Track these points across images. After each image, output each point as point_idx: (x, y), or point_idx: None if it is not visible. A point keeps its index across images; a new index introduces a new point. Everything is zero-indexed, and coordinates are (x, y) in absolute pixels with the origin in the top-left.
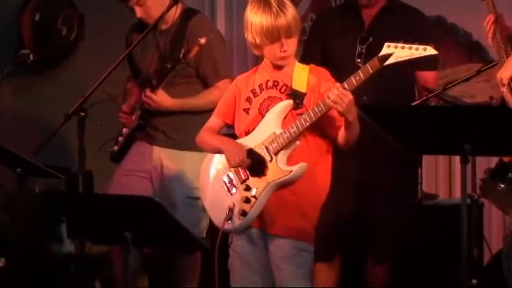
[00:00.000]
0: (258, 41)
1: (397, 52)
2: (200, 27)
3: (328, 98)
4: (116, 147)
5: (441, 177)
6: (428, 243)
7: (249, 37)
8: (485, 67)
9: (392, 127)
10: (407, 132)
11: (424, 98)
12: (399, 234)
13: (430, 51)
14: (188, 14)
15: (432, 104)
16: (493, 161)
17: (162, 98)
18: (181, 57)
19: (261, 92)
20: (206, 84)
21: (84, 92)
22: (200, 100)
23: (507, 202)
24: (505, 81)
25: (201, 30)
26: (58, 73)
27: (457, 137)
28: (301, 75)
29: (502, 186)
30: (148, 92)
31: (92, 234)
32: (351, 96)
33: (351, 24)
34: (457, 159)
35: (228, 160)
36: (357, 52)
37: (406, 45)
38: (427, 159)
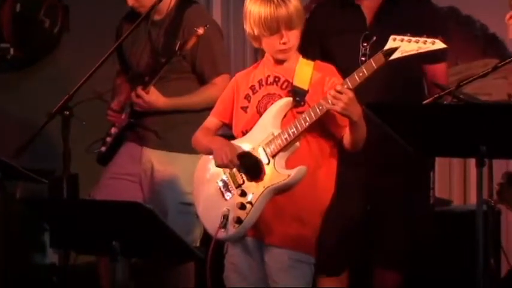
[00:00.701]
0: (256, 32)
1: (404, 46)
2: (197, 17)
3: (329, 93)
4: (103, 148)
5: (455, 181)
6: (442, 252)
7: (248, 27)
8: (503, 63)
9: (402, 127)
10: (418, 133)
11: (436, 96)
12: (410, 242)
13: (439, 45)
14: (184, 4)
15: (445, 102)
16: (511, 164)
17: (153, 97)
18: (177, 49)
19: (260, 88)
20: (203, 81)
21: (69, 89)
22: (195, 98)
23: None
24: None
25: (198, 21)
26: (41, 69)
27: (472, 138)
28: (304, 71)
29: None
30: (139, 91)
31: (76, 243)
32: (350, 94)
33: (350, 20)
34: (472, 162)
35: (215, 160)
36: (361, 52)
37: (413, 39)
38: (440, 162)
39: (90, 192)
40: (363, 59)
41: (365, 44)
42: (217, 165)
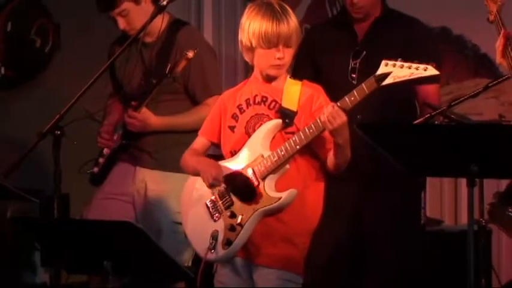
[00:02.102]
0: (253, 43)
1: (396, 71)
2: (189, 40)
3: (320, 117)
4: (96, 169)
5: (446, 201)
6: (433, 272)
7: (244, 38)
8: (494, 82)
9: (394, 147)
10: (409, 153)
11: (428, 115)
12: (401, 263)
13: (431, 71)
14: (176, 25)
15: (436, 122)
16: (503, 184)
17: (146, 116)
18: (167, 72)
19: (247, 108)
20: (195, 101)
21: (60, 108)
22: (188, 118)
23: None
24: None
25: (191, 44)
26: (32, 88)
27: (463, 158)
28: (292, 92)
29: None
30: (131, 112)
31: (68, 262)
32: (344, 118)
33: (343, 38)
34: (463, 182)
35: (203, 180)
36: (350, 67)
37: (406, 64)
38: (431, 182)
39: (82, 212)
40: (353, 75)
41: (355, 60)
42: (208, 186)
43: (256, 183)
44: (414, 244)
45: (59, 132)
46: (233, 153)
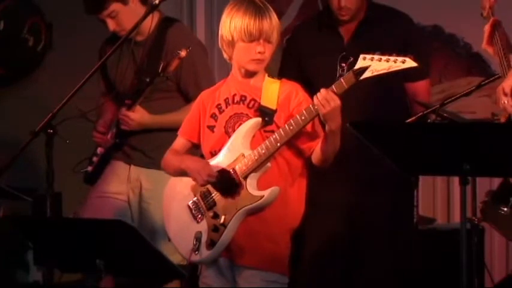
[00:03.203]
0: (234, 37)
1: (374, 65)
2: (180, 38)
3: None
4: (89, 168)
5: (439, 199)
6: (425, 271)
7: (224, 32)
8: (487, 81)
9: (386, 146)
10: (402, 152)
11: (420, 114)
12: (394, 262)
13: (410, 63)
14: (166, 23)
15: (429, 120)
16: (495, 182)
17: (139, 115)
18: (160, 71)
19: (226, 107)
20: (187, 99)
21: (53, 107)
22: (181, 116)
23: (511, 227)
24: (507, 90)
25: (181, 41)
26: (24, 87)
27: (455, 156)
28: (271, 90)
29: (505, 209)
30: (124, 111)
31: (60, 261)
32: (338, 102)
33: (328, 41)
34: (456, 180)
35: (194, 180)
36: (338, 72)
37: (384, 57)
38: (423, 181)
39: (76, 210)
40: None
41: (343, 65)
42: (201, 185)
43: (237, 182)
44: (407, 243)
45: (51, 131)
46: (213, 153)
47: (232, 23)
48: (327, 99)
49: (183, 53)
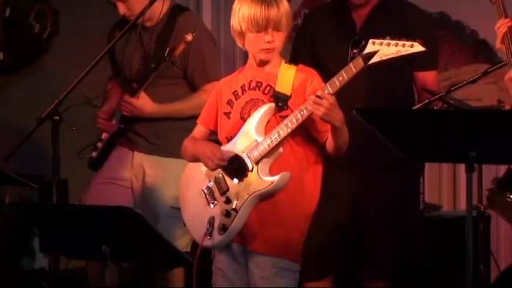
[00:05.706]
0: (243, 28)
1: (383, 49)
2: (188, 24)
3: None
4: (94, 154)
5: (445, 186)
6: (431, 258)
7: (235, 23)
8: (493, 68)
9: (392, 133)
10: (408, 139)
11: (427, 101)
12: (400, 249)
13: (418, 47)
14: (176, 11)
15: (435, 107)
16: (501, 169)
17: (143, 102)
18: (166, 55)
19: (242, 94)
20: (193, 86)
21: (59, 94)
22: (185, 104)
23: None
24: None
25: (189, 28)
26: (30, 73)
27: (462, 143)
28: (286, 76)
29: (511, 197)
30: (127, 97)
31: (66, 248)
32: (331, 100)
33: (341, 27)
34: (462, 167)
35: (205, 165)
36: (349, 57)
37: (392, 42)
38: (429, 168)
39: (80, 196)
40: None
41: (354, 50)
42: (212, 169)
43: (250, 167)
44: (413, 231)
45: (57, 118)
46: (229, 139)
47: (240, 13)
48: (317, 102)
49: (189, 37)
